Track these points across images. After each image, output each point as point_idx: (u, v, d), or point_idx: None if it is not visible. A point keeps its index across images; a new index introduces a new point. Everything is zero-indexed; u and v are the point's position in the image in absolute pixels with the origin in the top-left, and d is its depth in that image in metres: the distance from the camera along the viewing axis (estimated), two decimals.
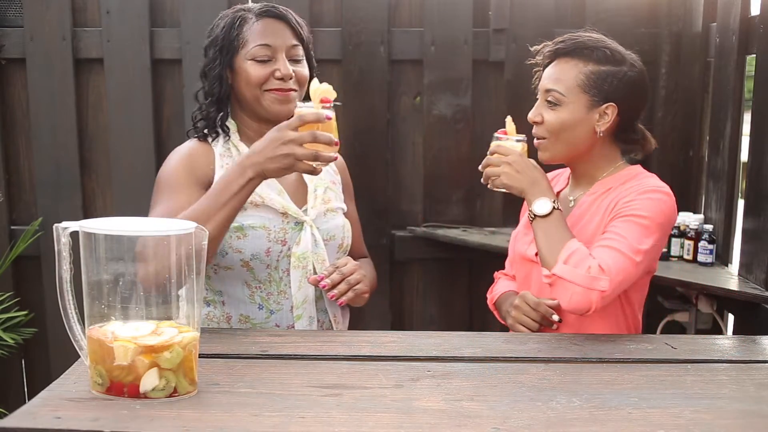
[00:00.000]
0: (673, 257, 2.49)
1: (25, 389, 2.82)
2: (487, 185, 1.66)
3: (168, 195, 1.61)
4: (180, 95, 2.66)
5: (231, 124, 1.71)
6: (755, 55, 2.25)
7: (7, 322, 2.63)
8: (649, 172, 1.67)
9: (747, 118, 2.33)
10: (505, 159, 1.62)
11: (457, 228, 2.73)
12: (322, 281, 1.61)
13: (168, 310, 1.14)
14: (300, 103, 1.52)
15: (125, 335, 1.09)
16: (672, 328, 2.55)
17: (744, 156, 2.35)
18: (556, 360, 1.36)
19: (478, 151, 2.67)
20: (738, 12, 2.35)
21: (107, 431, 0.99)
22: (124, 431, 1.00)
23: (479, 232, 2.70)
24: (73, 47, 2.63)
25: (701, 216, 2.56)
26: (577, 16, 2.67)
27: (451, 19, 2.67)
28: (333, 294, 1.61)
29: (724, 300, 2.33)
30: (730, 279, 2.27)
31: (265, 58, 1.63)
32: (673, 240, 2.47)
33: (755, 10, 2.30)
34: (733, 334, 2.48)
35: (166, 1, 2.67)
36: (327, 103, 1.50)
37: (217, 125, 1.69)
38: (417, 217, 2.79)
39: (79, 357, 1.19)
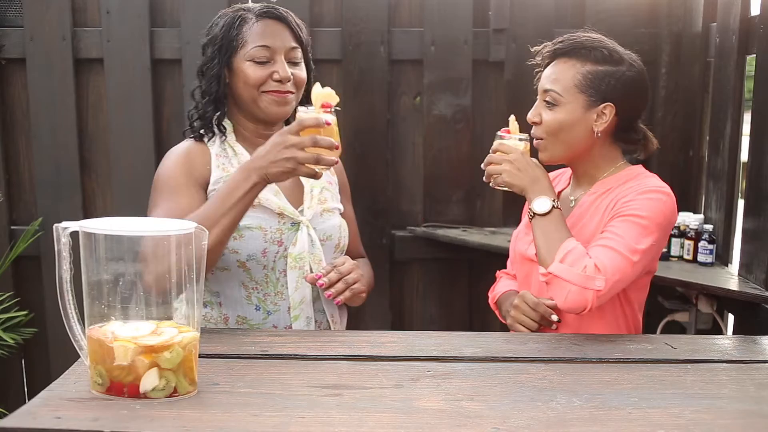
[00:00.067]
0: (673, 257, 2.49)
1: (25, 389, 2.82)
2: (489, 183, 1.66)
3: (168, 196, 1.60)
4: (180, 95, 2.66)
5: (227, 124, 1.71)
6: (755, 55, 2.25)
7: (7, 322, 2.63)
8: (650, 172, 1.67)
9: (747, 118, 2.33)
10: (507, 157, 1.62)
11: (457, 228, 2.73)
12: (319, 280, 1.61)
13: (168, 310, 1.15)
14: (301, 108, 1.52)
15: (125, 335, 1.09)
16: (672, 328, 2.55)
17: (744, 156, 2.35)
18: (556, 360, 1.36)
19: (478, 151, 2.67)
20: (738, 12, 2.35)
21: (107, 431, 0.99)
22: (124, 431, 1.00)
23: (479, 232, 2.70)
24: (73, 47, 2.63)
25: (701, 216, 2.56)
26: (577, 16, 2.67)
27: (451, 19, 2.67)
28: (330, 293, 1.61)
29: (724, 300, 2.33)
30: (730, 279, 2.27)
31: (264, 59, 1.63)
32: (673, 240, 2.47)
33: (755, 10, 2.30)
34: (733, 334, 2.48)
35: (166, 1, 2.67)
36: (328, 108, 1.50)
37: (214, 125, 1.69)
38: (417, 217, 2.79)
39: (79, 357, 1.19)
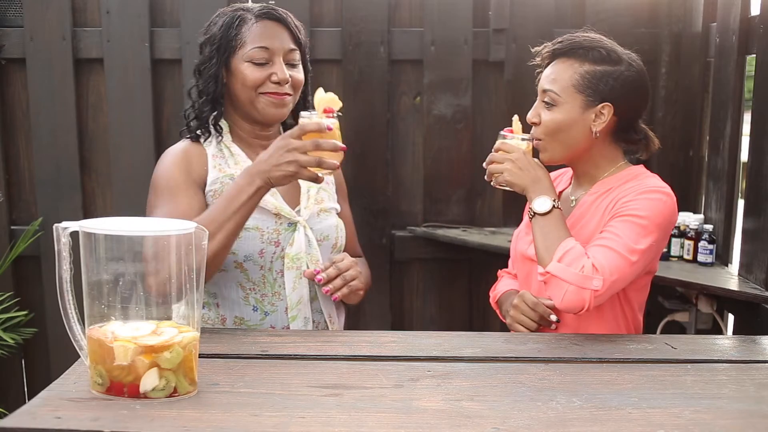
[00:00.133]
0: (673, 257, 2.49)
1: (25, 389, 2.82)
2: (490, 182, 1.66)
3: (168, 198, 1.60)
4: (180, 95, 2.66)
5: (223, 124, 1.70)
6: (755, 55, 2.25)
7: (7, 322, 2.63)
8: (650, 172, 1.67)
9: (747, 118, 2.33)
10: (509, 156, 1.62)
11: (457, 228, 2.73)
12: (317, 275, 1.61)
13: (168, 310, 1.14)
14: (304, 113, 1.52)
15: (125, 335, 1.09)
16: (672, 328, 2.55)
17: (744, 156, 2.35)
18: (556, 360, 1.36)
19: (478, 151, 2.68)
20: (738, 12, 2.35)
21: (107, 431, 0.99)
22: (124, 431, 1.00)
23: (479, 232, 2.70)
24: (73, 47, 2.63)
25: (701, 216, 2.56)
26: (577, 16, 2.67)
27: (451, 19, 2.67)
28: (328, 289, 1.61)
29: (724, 300, 2.33)
30: (730, 279, 2.27)
31: (263, 60, 1.62)
32: (673, 240, 2.47)
33: (755, 10, 2.30)
34: (733, 334, 2.48)
35: (166, 1, 2.67)
36: (330, 113, 1.50)
37: (210, 125, 1.68)
38: (417, 217, 2.79)
39: (79, 357, 1.19)
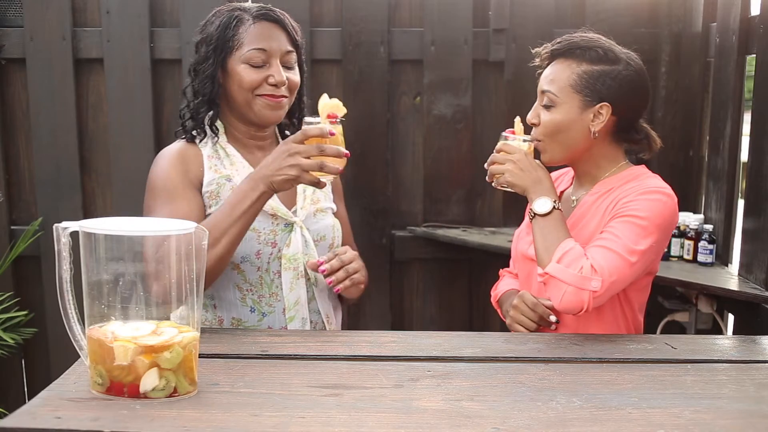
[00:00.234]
0: (673, 257, 2.49)
1: (25, 389, 2.82)
2: (491, 183, 1.66)
3: (166, 200, 1.59)
4: (180, 95, 2.65)
5: (219, 125, 1.70)
6: (755, 55, 2.25)
7: (7, 322, 2.63)
8: (652, 172, 1.66)
9: (747, 118, 2.33)
10: (510, 157, 1.62)
11: (457, 228, 2.73)
12: (321, 266, 1.61)
13: (168, 310, 1.14)
14: (308, 119, 1.53)
15: (125, 335, 1.09)
16: (672, 328, 2.55)
17: (744, 156, 2.35)
18: (556, 360, 1.36)
19: (478, 151, 2.68)
20: (738, 12, 2.35)
21: (107, 431, 0.99)
22: (124, 431, 1.00)
23: (479, 232, 2.70)
24: (73, 47, 2.63)
25: (701, 216, 2.56)
26: (577, 16, 2.67)
27: (451, 19, 2.67)
28: (331, 280, 1.61)
29: (724, 300, 2.33)
30: (730, 279, 2.27)
31: (260, 62, 1.62)
32: (673, 240, 2.47)
33: (755, 10, 2.30)
34: (733, 334, 2.48)
35: (166, 1, 2.67)
36: (333, 118, 1.51)
37: (206, 125, 1.68)
38: (417, 217, 2.79)
39: (79, 357, 1.19)
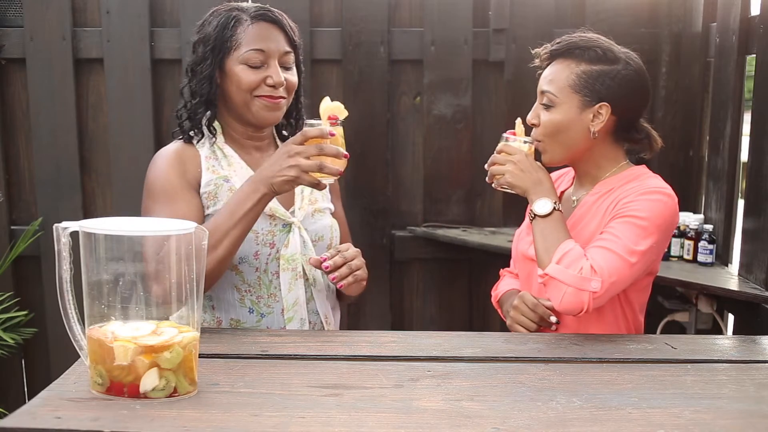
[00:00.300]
0: (673, 257, 2.49)
1: (25, 389, 2.82)
2: (492, 184, 1.66)
3: (165, 202, 1.59)
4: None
5: (216, 125, 1.69)
6: (755, 55, 2.25)
7: (7, 322, 2.63)
8: (653, 172, 1.66)
9: (747, 118, 2.33)
10: (511, 158, 1.62)
11: (457, 228, 2.73)
12: (324, 263, 1.60)
13: (168, 310, 1.14)
14: (309, 121, 1.53)
15: (125, 335, 1.09)
16: (672, 328, 2.55)
17: (744, 156, 2.35)
18: (556, 360, 1.36)
19: (478, 151, 2.68)
20: (738, 12, 2.35)
21: (107, 431, 0.99)
22: (124, 431, 1.00)
23: (479, 232, 2.71)
24: (73, 47, 2.63)
25: (701, 216, 2.56)
26: (577, 16, 2.67)
27: (451, 19, 2.67)
28: (334, 276, 1.60)
29: (724, 300, 2.33)
30: (730, 279, 2.27)
31: (258, 63, 1.61)
32: (673, 240, 2.47)
33: (755, 10, 2.31)
34: (733, 334, 2.48)
35: (166, 1, 2.67)
36: (334, 120, 1.51)
37: (203, 125, 1.67)
38: (417, 217, 2.79)
39: (79, 357, 1.19)
